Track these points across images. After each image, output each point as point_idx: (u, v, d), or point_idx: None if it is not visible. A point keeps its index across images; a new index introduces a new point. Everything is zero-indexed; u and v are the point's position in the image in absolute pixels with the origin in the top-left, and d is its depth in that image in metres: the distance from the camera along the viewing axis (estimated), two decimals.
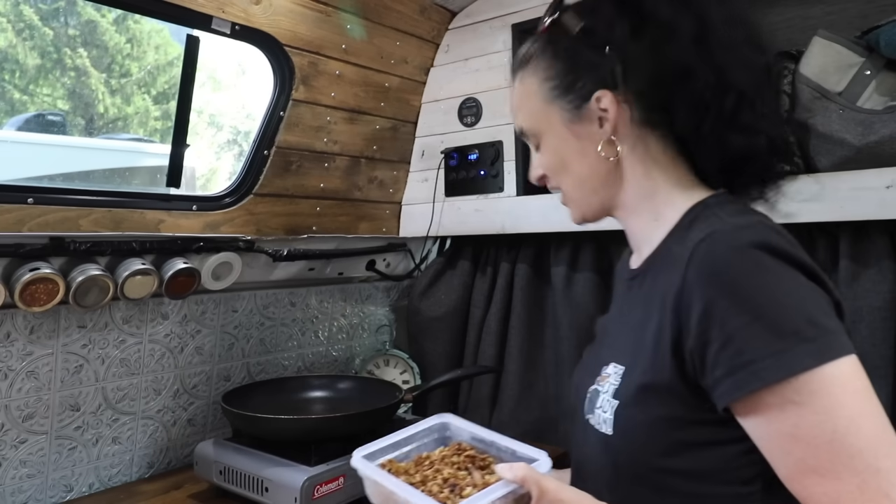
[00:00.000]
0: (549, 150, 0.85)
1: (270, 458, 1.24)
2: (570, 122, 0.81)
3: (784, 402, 0.62)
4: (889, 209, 1.15)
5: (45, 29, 7.56)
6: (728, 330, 0.63)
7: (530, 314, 1.71)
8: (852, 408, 0.61)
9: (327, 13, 1.47)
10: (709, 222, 0.73)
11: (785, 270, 0.65)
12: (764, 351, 0.62)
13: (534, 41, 0.86)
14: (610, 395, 0.77)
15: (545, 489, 0.68)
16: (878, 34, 1.16)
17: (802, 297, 0.64)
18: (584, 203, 0.86)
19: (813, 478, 0.62)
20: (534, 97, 0.84)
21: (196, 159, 7.01)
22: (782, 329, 0.62)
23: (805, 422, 0.61)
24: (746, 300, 0.63)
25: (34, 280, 1.14)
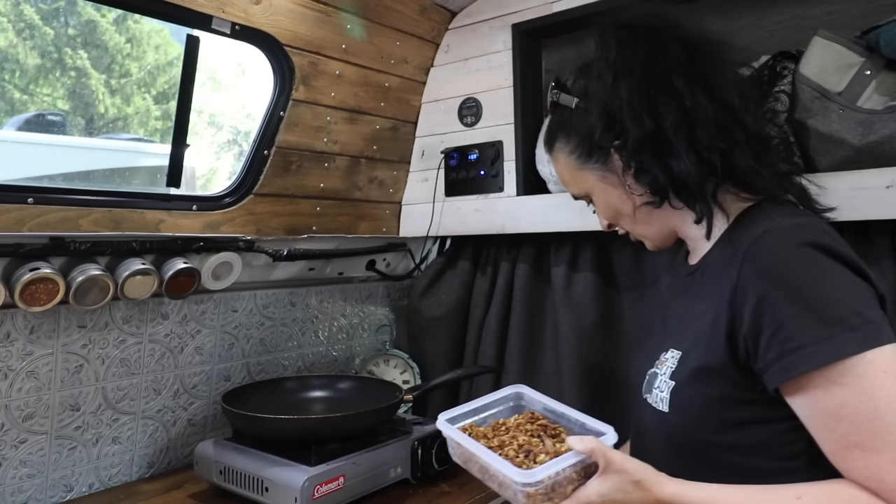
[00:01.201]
0: (601, 204, 0.98)
1: (270, 458, 1.24)
2: (603, 177, 0.94)
3: (829, 383, 0.69)
4: (889, 209, 1.15)
5: (46, 29, 7.55)
6: (780, 318, 0.72)
7: (530, 314, 1.71)
8: (892, 390, 0.68)
9: (327, 13, 1.47)
10: (764, 222, 0.81)
11: (833, 266, 0.73)
12: (812, 337, 0.70)
13: (549, 121, 1.01)
14: (667, 376, 0.87)
15: (611, 460, 0.76)
16: (878, 34, 1.15)
17: (848, 290, 0.72)
18: (650, 234, 0.97)
19: (855, 452, 0.69)
20: (570, 168, 0.98)
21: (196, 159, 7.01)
22: (829, 318, 0.70)
23: (848, 402, 0.68)
24: (798, 292, 0.72)
25: (34, 280, 1.14)
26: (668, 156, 0.84)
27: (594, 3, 1.50)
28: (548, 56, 1.76)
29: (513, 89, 1.66)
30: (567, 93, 0.94)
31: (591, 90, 0.90)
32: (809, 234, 0.75)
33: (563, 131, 0.97)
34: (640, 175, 0.87)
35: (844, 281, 0.73)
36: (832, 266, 0.73)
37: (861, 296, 0.72)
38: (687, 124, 0.83)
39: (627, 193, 0.91)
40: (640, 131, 0.85)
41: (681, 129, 0.83)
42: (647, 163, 0.85)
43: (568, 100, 0.93)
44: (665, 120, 0.83)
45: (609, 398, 1.57)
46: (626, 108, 0.85)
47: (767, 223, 0.80)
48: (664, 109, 0.84)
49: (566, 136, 0.96)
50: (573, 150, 0.95)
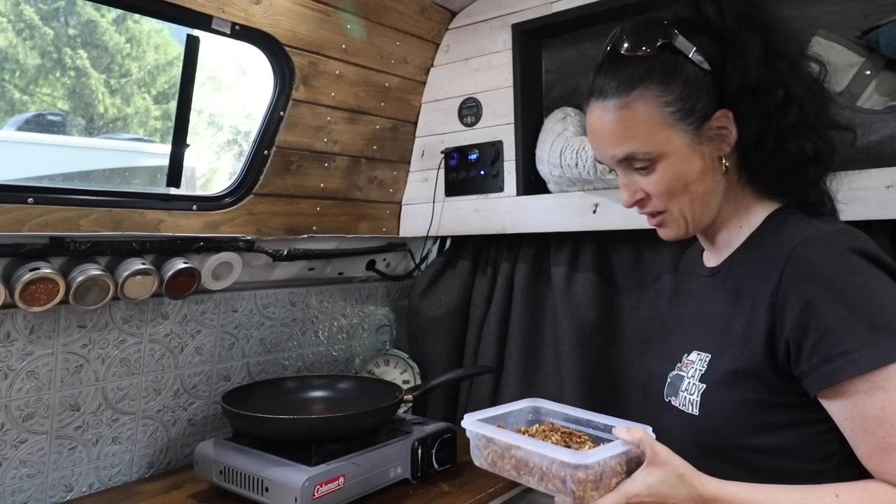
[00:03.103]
0: (669, 172, 0.86)
1: (270, 458, 1.24)
2: (694, 143, 0.85)
3: (873, 387, 0.70)
4: (889, 209, 1.15)
5: (46, 29, 7.55)
6: (827, 323, 0.72)
7: (530, 314, 1.71)
8: None
9: (327, 13, 1.47)
10: (800, 227, 0.81)
11: (876, 272, 0.74)
12: (860, 342, 0.70)
13: (632, 65, 0.85)
14: (696, 379, 0.86)
15: (657, 452, 0.76)
16: (878, 34, 1.16)
17: (893, 296, 0.73)
18: (697, 219, 0.89)
19: (891, 454, 0.70)
20: (650, 122, 0.84)
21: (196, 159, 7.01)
22: (876, 324, 0.71)
23: (891, 405, 0.69)
24: (844, 297, 0.72)
25: (34, 280, 1.14)
26: (816, 130, 0.83)
27: (594, 3, 1.50)
28: (548, 56, 1.76)
29: (513, 89, 1.66)
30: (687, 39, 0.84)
31: (736, 45, 0.83)
32: (853, 241, 0.76)
33: (662, 78, 0.83)
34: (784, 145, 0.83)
35: (888, 287, 0.74)
36: (876, 273, 0.74)
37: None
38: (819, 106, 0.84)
39: (711, 168, 0.85)
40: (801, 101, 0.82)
41: (818, 111, 0.84)
42: (801, 134, 0.82)
43: (687, 46, 0.83)
44: (805, 98, 0.83)
45: (609, 398, 1.57)
46: (786, 76, 0.82)
47: (808, 229, 0.80)
48: (804, 86, 0.83)
49: (665, 84, 0.83)
50: (672, 102, 0.83)
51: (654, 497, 0.76)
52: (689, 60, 0.83)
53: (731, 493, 0.76)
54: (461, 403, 1.83)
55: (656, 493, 0.76)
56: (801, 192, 0.85)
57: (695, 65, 0.83)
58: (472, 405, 1.79)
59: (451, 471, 1.41)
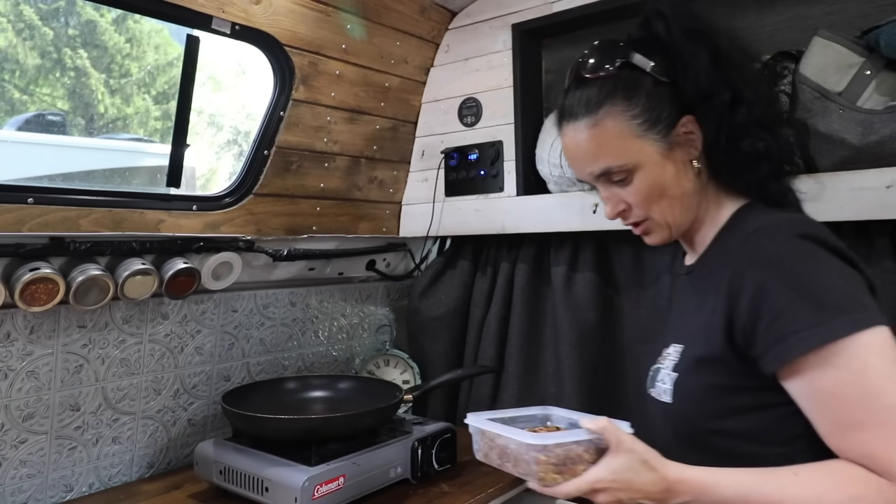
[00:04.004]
0: (646, 181, 0.91)
1: (270, 458, 1.24)
2: (665, 150, 0.90)
3: (825, 364, 0.72)
4: (889, 209, 1.15)
5: (45, 29, 7.55)
6: (778, 305, 0.75)
7: (530, 314, 1.71)
8: (883, 369, 0.71)
9: (327, 13, 1.47)
10: (758, 219, 0.86)
11: (827, 256, 0.77)
12: (809, 321, 0.73)
13: (595, 85, 0.91)
14: (670, 369, 0.91)
15: (621, 440, 0.81)
16: (878, 34, 1.16)
17: (841, 278, 0.76)
18: (679, 222, 0.94)
19: (849, 431, 0.72)
20: (621, 136, 0.90)
21: (196, 159, 7.01)
22: (824, 303, 0.74)
23: (842, 381, 0.72)
24: (794, 280, 0.75)
25: (34, 280, 1.14)
26: (766, 132, 0.88)
27: (594, 3, 1.50)
28: (548, 56, 1.76)
29: (513, 89, 1.66)
30: (644, 56, 0.90)
31: (686, 56, 0.88)
32: (804, 227, 0.79)
33: (626, 94, 0.89)
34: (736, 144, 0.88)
35: (838, 269, 0.77)
36: (826, 256, 0.77)
37: (853, 283, 0.76)
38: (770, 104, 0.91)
39: (683, 172, 0.91)
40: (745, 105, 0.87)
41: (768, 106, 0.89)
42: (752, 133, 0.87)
43: (644, 62, 0.89)
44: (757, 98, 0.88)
45: (609, 398, 1.57)
46: (735, 80, 0.87)
47: (764, 219, 0.85)
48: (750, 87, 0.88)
49: (628, 99, 0.89)
50: (637, 115, 0.89)
51: (619, 483, 0.80)
52: (648, 74, 0.89)
53: (693, 476, 0.79)
54: (461, 403, 1.83)
55: (621, 480, 0.80)
56: (760, 187, 0.90)
57: (653, 78, 0.89)
58: (472, 405, 1.79)
59: (451, 471, 1.41)
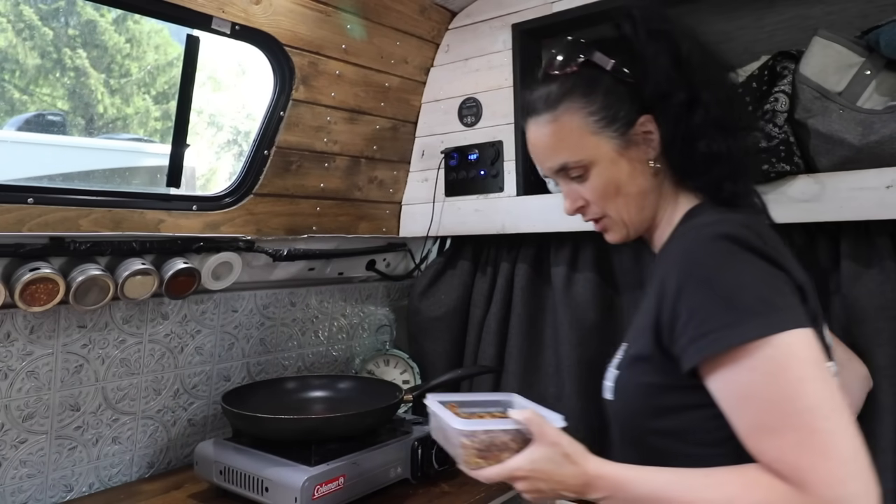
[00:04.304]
0: (601, 178, 0.92)
1: (270, 458, 1.24)
2: (620, 148, 0.91)
3: (737, 367, 0.72)
4: (889, 209, 1.15)
5: (45, 29, 7.55)
6: (693, 305, 0.75)
7: (530, 314, 1.71)
8: (797, 373, 0.70)
9: (327, 13, 1.47)
10: (696, 220, 0.87)
11: (746, 257, 0.76)
12: (721, 322, 0.73)
13: (557, 82, 0.93)
14: (614, 367, 0.92)
15: (545, 432, 0.82)
16: (878, 34, 1.15)
17: (758, 279, 0.75)
18: (635, 221, 0.94)
19: (761, 435, 0.71)
20: (578, 132, 0.91)
21: (196, 159, 7.01)
22: (736, 304, 0.73)
23: (755, 384, 0.71)
24: (708, 280, 0.76)
25: (34, 280, 1.14)
26: (726, 132, 0.87)
27: (594, 3, 1.50)
28: (548, 56, 1.76)
29: (513, 89, 1.66)
30: (605, 54, 0.91)
31: (642, 56, 0.89)
32: (725, 228, 0.78)
33: (584, 90, 0.91)
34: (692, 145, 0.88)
35: (755, 270, 0.75)
36: (745, 257, 0.76)
37: (771, 284, 0.75)
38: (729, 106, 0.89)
39: (640, 171, 0.91)
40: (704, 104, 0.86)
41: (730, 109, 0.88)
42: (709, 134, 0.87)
43: (605, 60, 0.90)
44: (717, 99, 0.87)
45: None
46: (695, 79, 0.87)
47: (696, 220, 0.87)
48: (716, 87, 0.88)
49: (586, 96, 0.91)
50: (595, 112, 0.90)
51: (539, 473, 0.82)
52: (608, 73, 0.90)
53: (611, 472, 0.80)
54: None
55: (540, 470, 0.82)
56: (715, 188, 0.89)
57: (613, 76, 0.90)
58: None
59: (451, 471, 1.41)
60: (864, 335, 1.24)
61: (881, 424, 1.23)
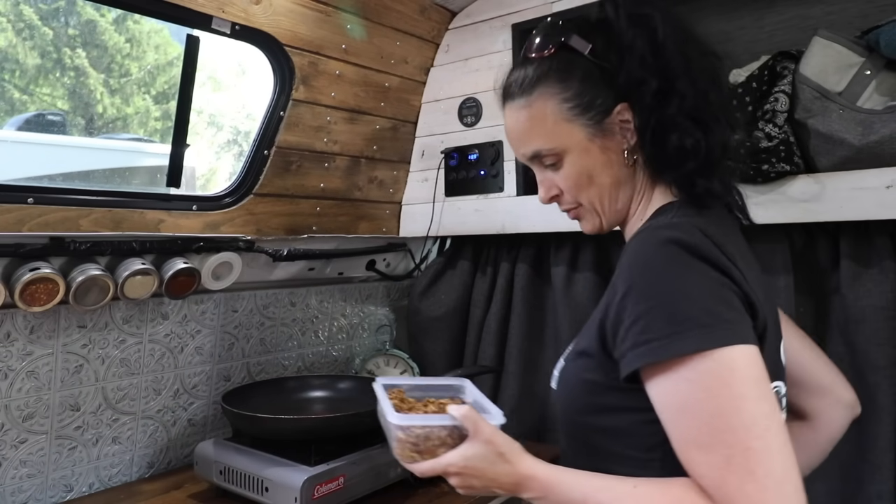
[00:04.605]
0: (574, 167, 0.89)
1: (270, 458, 1.24)
2: (595, 137, 0.87)
3: (677, 378, 0.70)
4: (889, 209, 1.15)
5: (45, 29, 7.55)
6: (638, 310, 0.72)
7: (530, 314, 1.71)
8: (736, 389, 0.68)
9: (327, 13, 1.47)
10: (655, 221, 0.84)
11: (694, 264, 0.73)
12: (662, 331, 0.70)
13: (533, 65, 0.90)
14: (563, 358, 0.92)
15: (480, 429, 0.81)
16: (878, 34, 1.16)
17: (705, 288, 0.72)
18: (608, 212, 0.91)
19: (693, 449, 0.69)
20: (551, 118, 0.88)
21: (196, 159, 7.01)
22: (679, 315, 0.70)
23: (692, 398, 0.69)
24: (654, 286, 0.73)
25: (34, 280, 1.14)
26: (700, 126, 0.83)
27: (594, 4, 1.50)
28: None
29: None
30: (582, 38, 0.87)
31: (621, 42, 0.85)
32: (678, 233, 0.75)
33: (560, 76, 0.87)
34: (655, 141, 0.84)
35: (703, 280, 0.72)
36: (692, 263, 0.73)
37: (718, 295, 0.72)
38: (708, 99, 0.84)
39: (614, 161, 0.88)
40: (680, 94, 0.82)
41: (708, 103, 0.83)
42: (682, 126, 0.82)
43: (582, 44, 0.86)
44: (696, 90, 0.83)
45: None
46: (673, 68, 0.83)
47: (653, 221, 0.84)
48: (695, 79, 0.83)
49: (563, 81, 0.87)
50: (570, 98, 0.87)
51: (471, 470, 0.81)
52: (585, 58, 0.86)
53: (543, 474, 0.79)
54: None
55: (472, 467, 0.81)
56: (688, 184, 0.85)
57: (591, 62, 0.86)
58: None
59: None
60: (863, 335, 1.24)
61: (881, 424, 1.23)
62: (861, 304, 1.24)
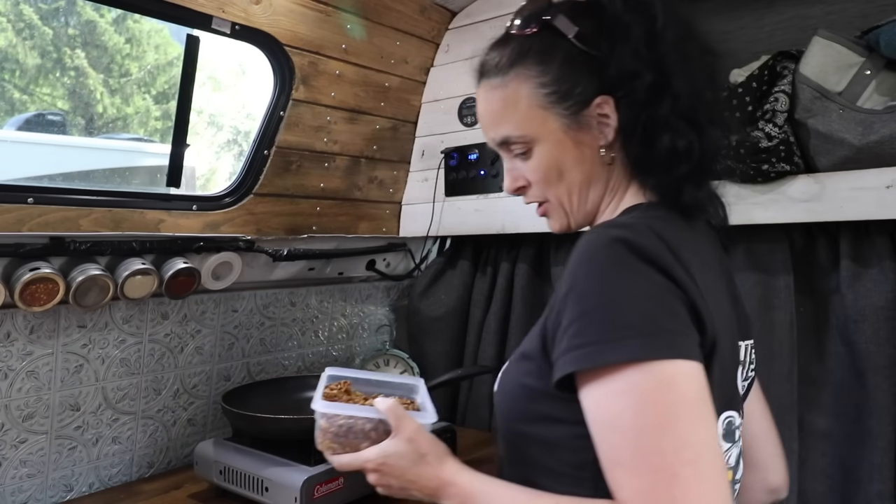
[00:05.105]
0: (544, 158, 0.82)
1: (270, 458, 1.24)
2: (569, 129, 0.80)
3: (608, 388, 0.63)
4: (889, 209, 1.15)
5: (45, 29, 7.55)
6: (575, 313, 0.66)
7: (530, 314, 1.71)
8: (669, 408, 0.61)
9: (327, 13, 1.47)
10: (614, 219, 0.77)
11: (639, 267, 0.65)
12: (596, 337, 0.64)
13: (513, 43, 0.82)
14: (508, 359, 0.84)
15: (404, 427, 0.78)
16: (878, 34, 1.16)
17: (648, 295, 0.65)
18: (577, 212, 0.84)
19: (618, 469, 0.63)
20: (525, 103, 0.81)
21: (196, 159, 7.01)
22: (616, 320, 0.64)
23: (623, 412, 0.62)
24: (594, 289, 0.66)
25: (34, 280, 1.14)
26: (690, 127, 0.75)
27: None
28: None
29: None
30: (569, 19, 0.79)
31: (610, 28, 0.77)
32: (625, 232, 0.68)
33: (540, 58, 0.80)
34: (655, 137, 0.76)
35: (649, 285, 0.65)
36: (638, 266, 0.66)
37: (662, 302, 0.65)
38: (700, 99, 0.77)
39: (588, 157, 0.80)
40: (670, 92, 0.75)
41: (699, 102, 0.76)
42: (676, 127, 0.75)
43: (568, 27, 0.78)
44: (688, 88, 0.75)
45: None
46: (666, 62, 0.75)
47: (611, 221, 0.77)
48: (688, 77, 0.75)
49: (543, 65, 0.79)
50: (548, 83, 0.79)
51: (389, 469, 0.78)
52: (570, 42, 0.78)
53: (465, 481, 0.75)
54: (461, 403, 1.83)
55: (391, 465, 0.78)
56: (675, 191, 0.77)
57: (575, 46, 0.78)
58: (471, 405, 1.79)
59: None
60: (863, 335, 1.24)
61: (881, 424, 1.23)
62: (861, 304, 1.24)
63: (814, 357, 1.33)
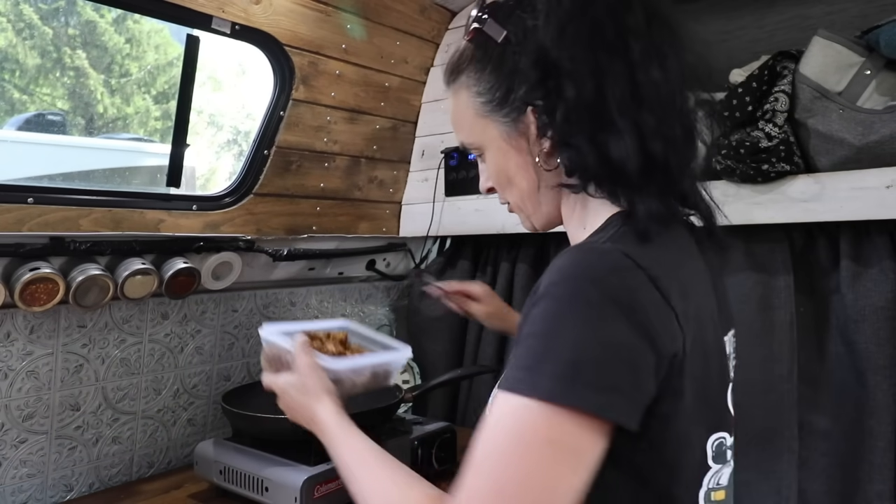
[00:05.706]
0: (493, 165, 0.81)
1: (270, 458, 1.24)
2: (509, 137, 0.77)
3: (501, 414, 0.60)
4: (889, 209, 1.15)
5: (45, 29, 7.55)
6: (524, 333, 0.62)
7: None
8: (527, 454, 0.57)
9: (327, 13, 1.47)
10: (589, 238, 0.71)
11: (604, 312, 0.60)
12: (526, 361, 0.60)
13: (461, 50, 0.81)
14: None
15: (300, 362, 0.91)
16: (878, 34, 1.16)
17: (593, 338, 0.59)
18: (534, 214, 0.82)
19: (455, 490, 0.64)
20: (469, 111, 0.80)
21: (196, 159, 7.01)
22: (544, 355, 0.59)
23: (490, 439, 0.60)
24: (547, 317, 0.61)
25: (34, 280, 1.14)
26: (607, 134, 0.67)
27: None
28: None
29: None
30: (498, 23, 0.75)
31: (530, 29, 0.71)
32: (601, 266, 0.62)
33: (476, 66, 0.78)
34: (561, 150, 0.70)
35: (598, 327, 0.59)
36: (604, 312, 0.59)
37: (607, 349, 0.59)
38: (634, 101, 0.67)
39: (531, 164, 0.76)
40: (578, 95, 0.67)
41: (627, 105, 0.67)
42: (575, 138, 0.68)
43: (496, 31, 0.74)
44: (612, 89, 0.67)
45: None
46: (569, 64, 0.67)
47: (592, 239, 0.70)
48: (614, 76, 0.67)
49: (479, 73, 0.78)
50: (483, 92, 0.78)
51: (285, 396, 0.93)
52: (500, 46, 0.74)
53: (328, 423, 0.84)
54: (461, 403, 1.83)
55: (286, 393, 0.92)
56: (628, 203, 0.69)
57: (505, 51, 0.74)
58: (471, 405, 1.79)
59: (451, 471, 1.41)
60: (863, 335, 1.24)
61: (881, 424, 1.23)
62: (861, 304, 1.24)
63: (814, 357, 1.33)
